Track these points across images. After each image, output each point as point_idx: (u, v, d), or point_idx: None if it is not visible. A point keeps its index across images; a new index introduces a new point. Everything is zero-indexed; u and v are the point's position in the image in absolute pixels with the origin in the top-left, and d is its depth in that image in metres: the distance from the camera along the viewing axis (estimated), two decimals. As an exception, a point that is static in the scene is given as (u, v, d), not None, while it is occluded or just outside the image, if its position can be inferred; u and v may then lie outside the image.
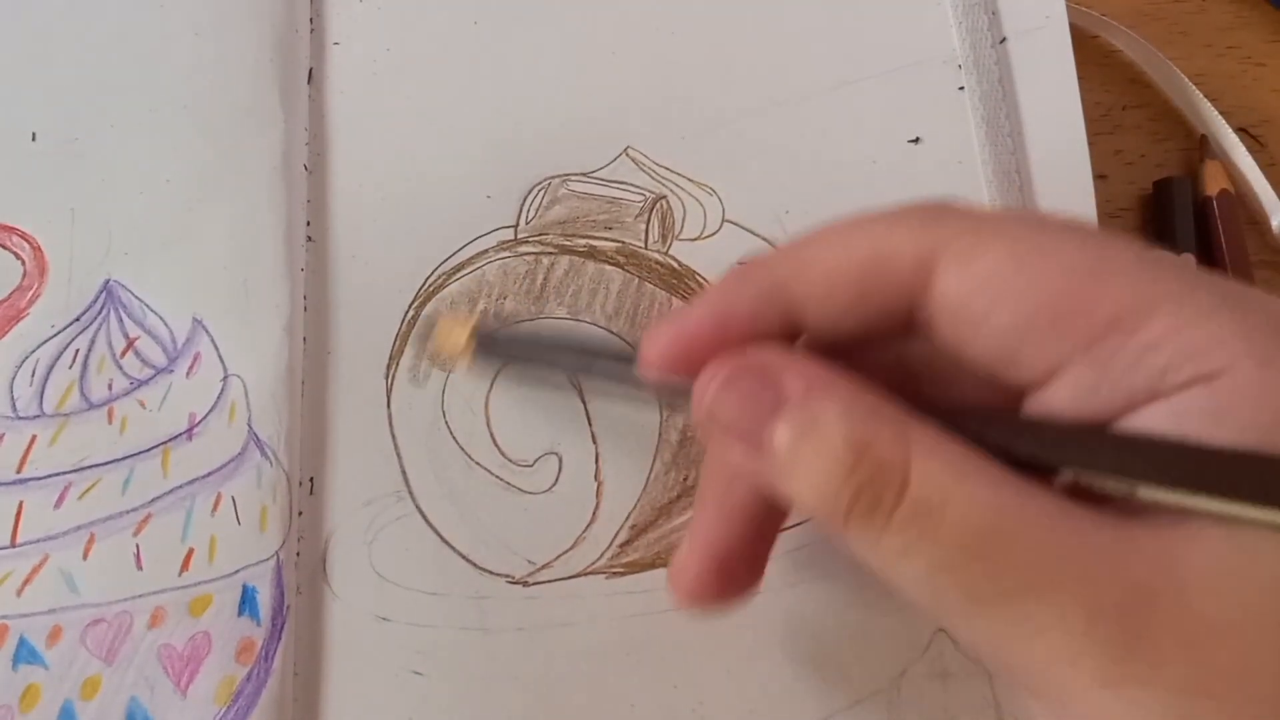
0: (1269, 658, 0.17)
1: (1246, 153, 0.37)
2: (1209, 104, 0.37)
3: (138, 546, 0.27)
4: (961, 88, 0.33)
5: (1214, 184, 0.36)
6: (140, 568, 0.27)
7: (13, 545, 0.27)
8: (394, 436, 0.29)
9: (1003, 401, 0.20)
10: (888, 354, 0.22)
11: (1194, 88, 0.37)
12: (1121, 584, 0.17)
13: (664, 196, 0.32)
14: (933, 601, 0.19)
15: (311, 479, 0.29)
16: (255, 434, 0.29)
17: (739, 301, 0.21)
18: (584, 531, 0.28)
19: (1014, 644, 0.18)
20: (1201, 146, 0.37)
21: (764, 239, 0.31)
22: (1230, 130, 0.37)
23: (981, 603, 0.18)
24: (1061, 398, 0.19)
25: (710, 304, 0.22)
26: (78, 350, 0.30)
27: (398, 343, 0.30)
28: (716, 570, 0.23)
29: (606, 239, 0.31)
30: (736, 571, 0.23)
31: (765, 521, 0.23)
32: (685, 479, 0.29)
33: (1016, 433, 0.19)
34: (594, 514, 0.29)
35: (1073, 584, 0.17)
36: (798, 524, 0.28)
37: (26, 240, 0.31)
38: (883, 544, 0.19)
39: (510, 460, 0.29)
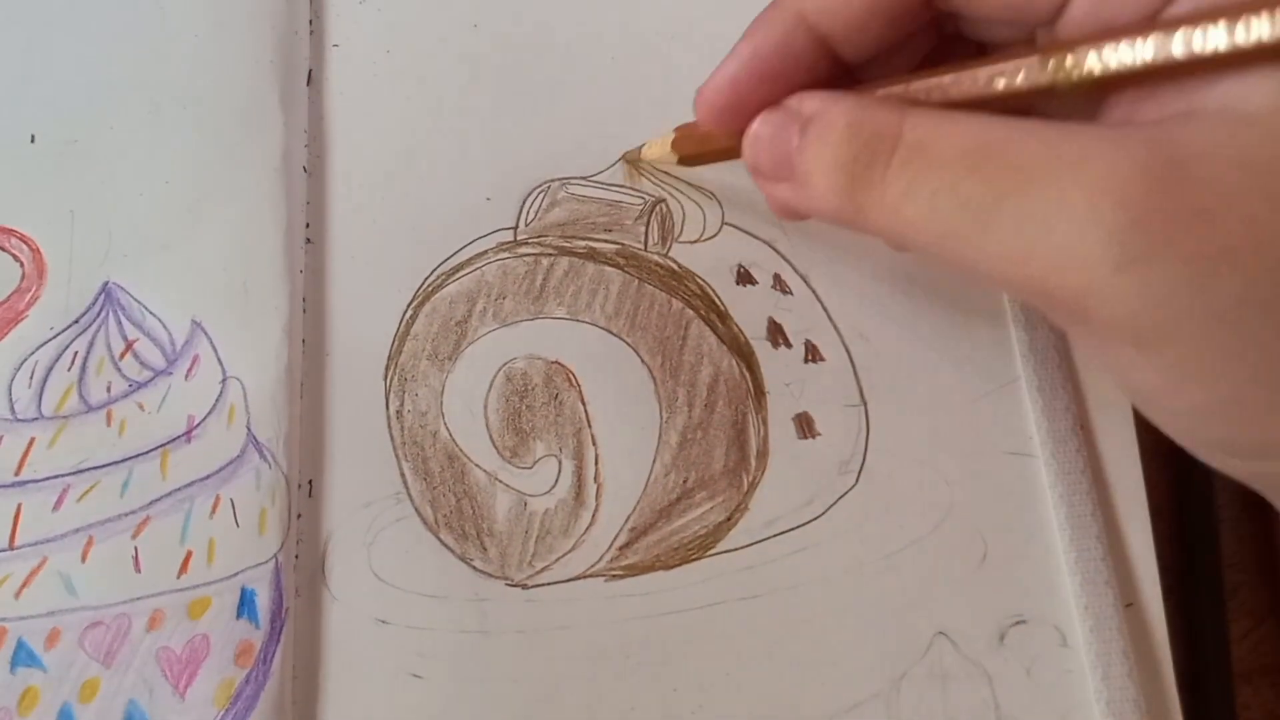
0: (1274, 223, 0.17)
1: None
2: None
3: (136, 549, 0.27)
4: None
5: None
6: (139, 570, 0.27)
7: (11, 548, 0.27)
8: (393, 438, 0.29)
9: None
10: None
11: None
12: (1122, 166, 0.18)
13: (663, 200, 0.32)
14: (943, 237, 0.20)
15: (310, 481, 0.29)
16: (254, 436, 0.29)
17: (766, 43, 0.24)
18: (584, 534, 0.28)
19: (1026, 253, 0.19)
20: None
21: (763, 241, 0.31)
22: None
23: (985, 214, 0.19)
24: (1076, 19, 0.20)
25: (741, 54, 0.24)
26: (76, 352, 0.30)
27: (396, 343, 0.30)
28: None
29: (606, 241, 0.31)
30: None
31: None
32: (685, 481, 0.29)
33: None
34: (594, 516, 0.29)
35: (1069, 170, 0.18)
36: (799, 527, 0.28)
37: (25, 242, 0.31)
38: (887, 197, 0.21)
39: (510, 462, 0.29)
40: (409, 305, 0.31)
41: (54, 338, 0.30)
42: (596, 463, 0.29)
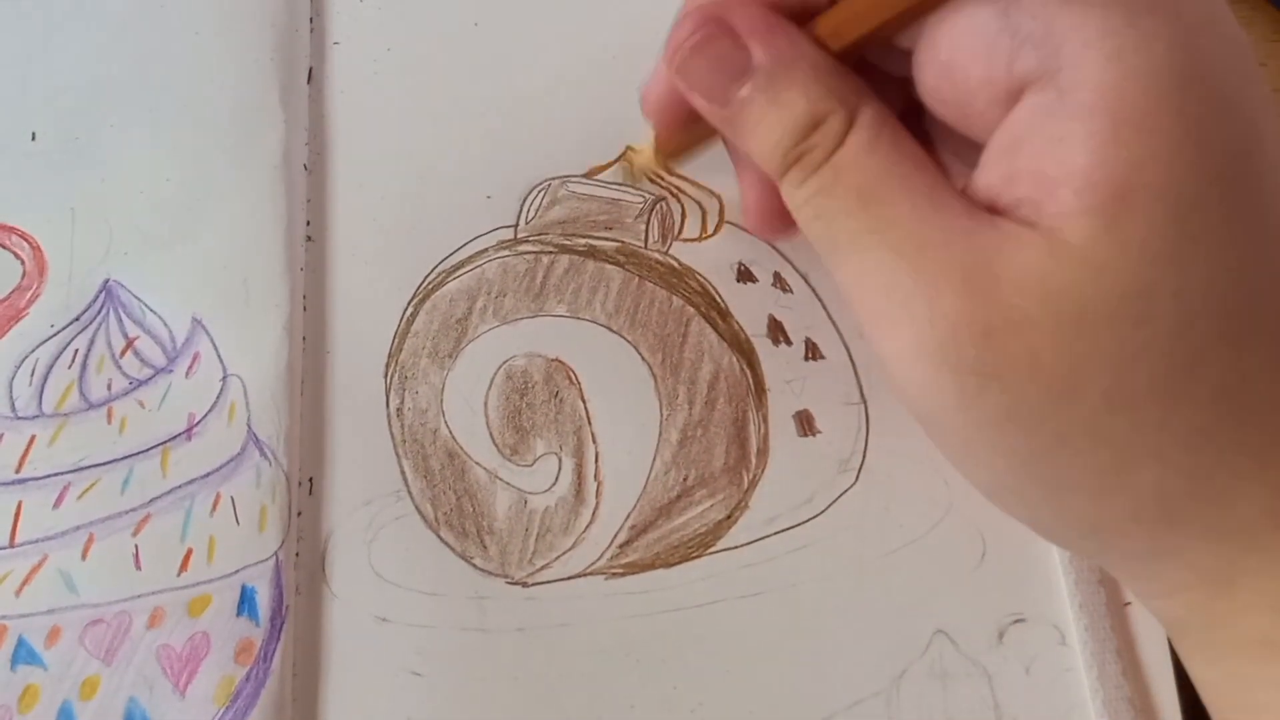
0: (1052, 351, 0.19)
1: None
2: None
3: (137, 547, 0.27)
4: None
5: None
6: (139, 568, 0.27)
7: (11, 545, 0.27)
8: (393, 436, 0.29)
9: None
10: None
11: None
12: (948, 273, 0.20)
13: (664, 198, 0.32)
14: (817, 243, 0.22)
15: (311, 479, 0.29)
16: (254, 434, 0.29)
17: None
18: (584, 532, 0.28)
19: (857, 301, 0.21)
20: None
21: (763, 239, 0.31)
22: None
23: (839, 252, 0.22)
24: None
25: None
26: (77, 350, 0.30)
27: (396, 341, 0.30)
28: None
29: (606, 239, 0.31)
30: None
31: None
32: (685, 479, 0.29)
33: None
34: (594, 514, 0.29)
35: (914, 255, 0.20)
36: (799, 524, 0.28)
37: (26, 240, 0.31)
38: (798, 195, 0.22)
39: (510, 460, 0.29)
40: (409, 303, 0.31)
41: (54, 335, 0.30)
42: (597, 460, 0.29)
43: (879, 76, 0.23)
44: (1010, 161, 0.20)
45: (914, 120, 0.24)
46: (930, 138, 0.25)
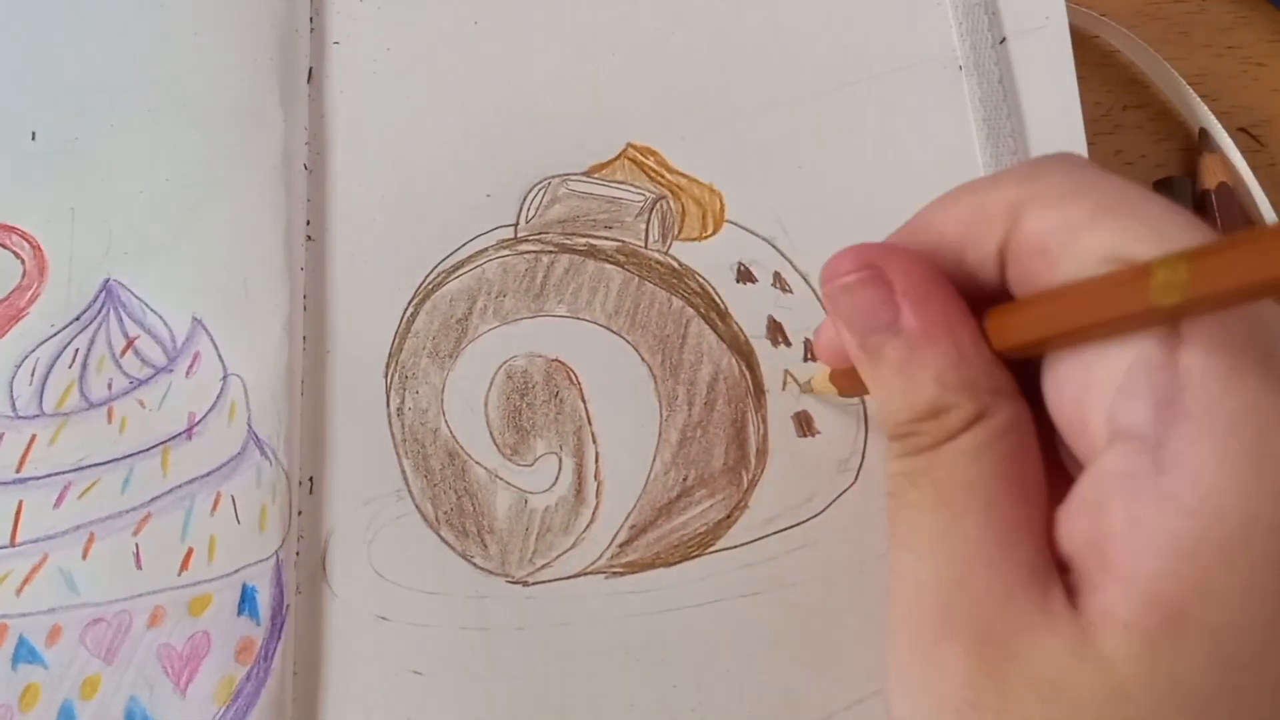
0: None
1: (1241, 157, 0.37)
2: (1205, 107, 0.37)
3: (137, 546, 0.27)
4: (962, 87, 0.33)
5: (1212, 178, 0.36)
6: (140, 567, 0.27)
7: (12, 545, 0.27)
8: (393, 435, 0.29)
9: None
10: None
11: (1191, 90, 0.37)
12: (974, 617, 0.18)
13: (664, 196, 0.32)
14: (887, 512, 0.21)
15: (311, 478, 0.29)
16: (255, 433, 0.29)
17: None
18: (584, 531, 0.28)
19: (891, 575, 0.21)
20: (1201, 140, 0.37)
21: (764, 239, 0.31)
22: (1227, 134, 0.37)
23: (894, 535, 0.21)
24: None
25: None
26: (77, 350, 0.30)
27: (397, 340, 0.30)
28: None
29: (606, 238, 0.31)
30: None
31: None
32: (685, 479, 0.29)
33: None
34: (594, 514, 0.29)
35: (953, 583, 0.19)
36: (798, 524, 0.28)
37: (26, 240, 0.31)
38: (893, 463, 0.21)
39: (510, 460, 0.29)
40: (410, 302, 0.31)
41: (55, 335, 0.30)
42: (597, 460, 0.29)
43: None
44: (1092, 518, 0.18)
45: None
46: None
